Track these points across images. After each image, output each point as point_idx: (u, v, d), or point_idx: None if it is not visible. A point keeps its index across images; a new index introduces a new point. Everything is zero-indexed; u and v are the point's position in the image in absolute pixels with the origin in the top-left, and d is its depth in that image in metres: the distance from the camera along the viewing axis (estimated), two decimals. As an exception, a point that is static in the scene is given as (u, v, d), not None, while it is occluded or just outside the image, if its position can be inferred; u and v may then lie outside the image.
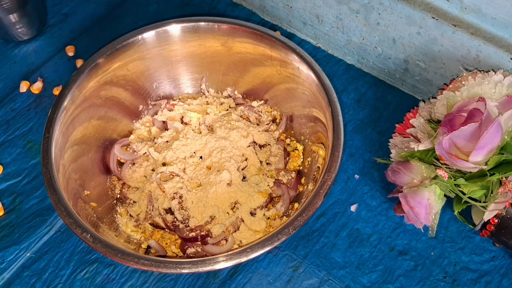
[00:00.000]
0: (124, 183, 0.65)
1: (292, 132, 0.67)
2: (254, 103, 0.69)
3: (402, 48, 0.67)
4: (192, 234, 0.60)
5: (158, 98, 0.70)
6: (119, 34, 0.65)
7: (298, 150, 0.66)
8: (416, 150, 0.56)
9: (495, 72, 0.56)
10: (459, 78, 0.57)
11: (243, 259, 0.51)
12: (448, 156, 0.52)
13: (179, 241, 0.60)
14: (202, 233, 0.60)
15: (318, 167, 0.59)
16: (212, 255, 0.52)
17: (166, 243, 0.61)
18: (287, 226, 0.52)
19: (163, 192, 0.62)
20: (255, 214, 0.61)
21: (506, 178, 0.52)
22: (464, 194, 0.54)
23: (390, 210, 0.63)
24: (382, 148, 0.67)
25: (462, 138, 0.52)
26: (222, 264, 0.51)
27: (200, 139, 0.65)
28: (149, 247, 0.60)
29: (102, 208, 0.61)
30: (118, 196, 0.64)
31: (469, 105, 0.53)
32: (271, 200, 0.62)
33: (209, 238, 0.59)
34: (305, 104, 0.64)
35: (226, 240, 0.59)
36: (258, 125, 0.67)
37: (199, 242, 0.60)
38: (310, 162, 0.63)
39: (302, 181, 0.63)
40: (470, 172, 0.53)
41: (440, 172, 0.54)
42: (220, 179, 0.61)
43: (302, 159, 0.65)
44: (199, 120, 0.67)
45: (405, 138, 0.60)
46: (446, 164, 0.54)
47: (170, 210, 0.61)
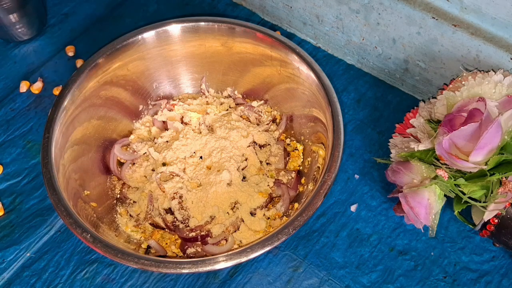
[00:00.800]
0: (124, 183, 0.65)
1: (292, 132, 0.67)
2: (254, 103, 0.69)
3: (402, 48, 0.67)
4: (192, 234, 0.60)
5: (158, 98, 0.70)
6: (119, 34, 0.65)
7: (298, 150, 0.66)
8: (416, 150, 0.56)
9: (495, 72, 0.56)
10: (459, 78, 0.57)
11: (243, 259, 0.51)
12: (448, 156, 0.52)
13: (179, 241, 0.60)
14: (202, 233, 0.60)
15: (318, 167, 0.59)
16: (212, 255, 0.52)
17: (166, 243, 0.61)
18: (287, 226, 0.52)
19: (163, 192, 0.62)
20: (255, 214, 0.61)
21: (506, 178, 0.52)
22: (464, 194, 0.54)
23: (390, 210, 0.63)
24: (382, 148, 0.67)
25: (462, 138, 0.52)
26: (222, 264, 0.51)
27: (200, 139, 0.65)
28: (149, 247, 0.60)
29: (102, 208, 0.61)
30: (118, 196, 0.64)
31: (469, 105, 0.53)
32: (271, 200, 0.62)
33: (209, 238, 0.59)
34: (305, 104, 0.64)
35: (226, 240, 0.59)
36: (258, 125, 0.67)
37: (199, 242, 0.60)
38: (310, 162, 0.63)
39: (302, 181, 0.63)
40: (470, 172, 0.53)
41: (440, 172, 0.54)
42: (220, 179, 0.61)
43: (302, 159, 0.65)
44: (199, 120, 0.67)
45: (405, 138, 0.60)
46: (446, 164, 0.54)
47: (170, 210, 0.61)
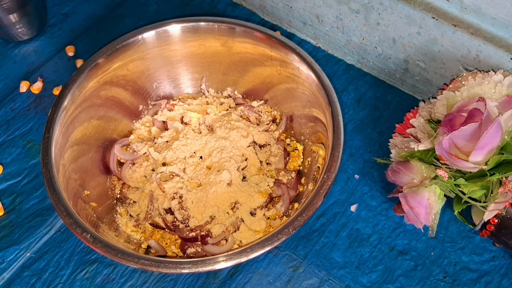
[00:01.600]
0: (124, 183, 0.65)
1: (292, 132, 0.67)
2: (254, 103, 0.69)
3: (402, 48, 0.67)
4: (192, 234, 0.60)
5: (158, 98, 0.70)
6: (119, 34, 0.65)
7: (298, 150, 0.66)
8: (416, 150, 0.56)
9: (495, 72, 0.56)
10: (459, 78, 0.57)
11: (243, 259, 0.51)
12: (448, 156, 0.52)
13: (179, 241, 0.60)
14: (202, 233, 0.60)
15: (318, 167, 0.59)
16: (212, 255, 0.52)
17: (166, 243, 0.61)
18: (287, 226, 0.52)
19: (163, 192, 0.62)
20: (255, 214, 0.61)
21: (506, 178, 0.52)
22: (464, 194, 0.54)
23: (390, 210, 0.63)
24: (382, 148, 0.67)
25: (462, 138, 0.52)
26: (222, 264, 0.51)
27: (200, 139, 0.65)
28: (149, 247, 0.60)
29: (102, 208, 0.61)
30: (118, 196, 0.64)
31: (469, 105, 0.53)
32: (271, 200, 0.62)
33: (209, 238, 0.59)
34: (305, 104, 0.64)
35: (226, 240, 0.59)
36: (258, 125, 0.67)
37: (199, 242, 0.60)
38: (310, 162, 0.63)
39: (302, 181, 0.63)
40: (470, 172, 0.53)
41: (440, 172, 0.54)
42: (220, 179, 0.61)
43: (302, 159, 0.65)
44: (199, 120, 0.67)
45: (405, 138, 0.60)
46: (446, 164, 0.54)
47: (170, 210, 0.61)
